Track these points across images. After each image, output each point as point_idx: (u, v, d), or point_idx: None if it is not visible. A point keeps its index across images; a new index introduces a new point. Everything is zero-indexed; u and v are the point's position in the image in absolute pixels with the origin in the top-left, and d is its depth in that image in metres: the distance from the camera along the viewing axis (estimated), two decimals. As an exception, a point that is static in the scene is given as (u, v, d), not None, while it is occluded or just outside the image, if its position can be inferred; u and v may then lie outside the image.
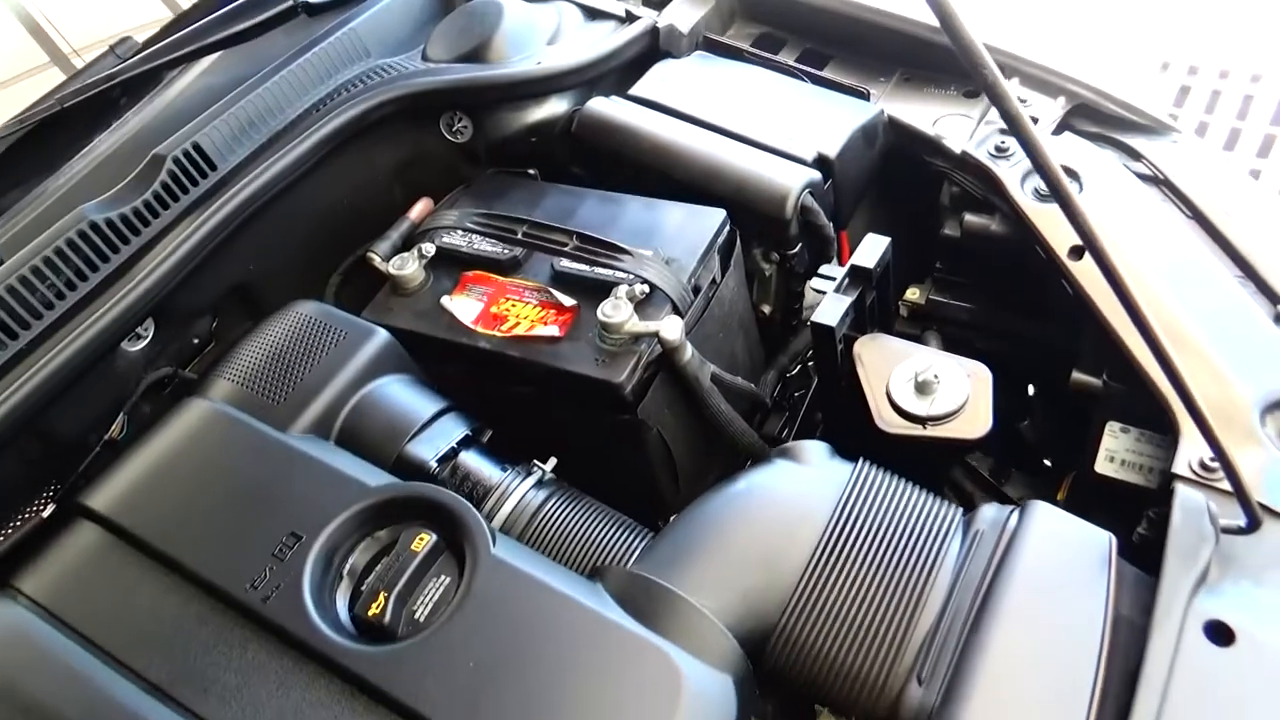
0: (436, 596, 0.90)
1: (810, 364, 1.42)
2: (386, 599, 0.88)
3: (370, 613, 0.88)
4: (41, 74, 3.51)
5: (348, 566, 0.93)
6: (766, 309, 1.40)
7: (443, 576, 0.91)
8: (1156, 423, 1.10)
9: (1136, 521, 1.06)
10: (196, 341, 1.31)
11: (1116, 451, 1.13)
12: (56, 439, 1.14)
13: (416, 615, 0.89)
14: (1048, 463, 1.45)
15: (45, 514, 1.14)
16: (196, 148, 1.25)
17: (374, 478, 0.98)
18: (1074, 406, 1.20)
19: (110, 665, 0.86)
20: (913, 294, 1.45)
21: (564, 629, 0.86)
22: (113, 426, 1.20)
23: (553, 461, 1.10)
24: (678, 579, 0.90)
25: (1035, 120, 1.32)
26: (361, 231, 1.40)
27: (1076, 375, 1.16)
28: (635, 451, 1.15)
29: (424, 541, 0.92)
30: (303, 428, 1.05)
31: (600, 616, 0.86)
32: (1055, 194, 0.72)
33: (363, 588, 0.91)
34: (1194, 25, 3.17)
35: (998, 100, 0.68)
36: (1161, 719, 0.79)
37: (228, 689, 0.85)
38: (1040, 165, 0.71)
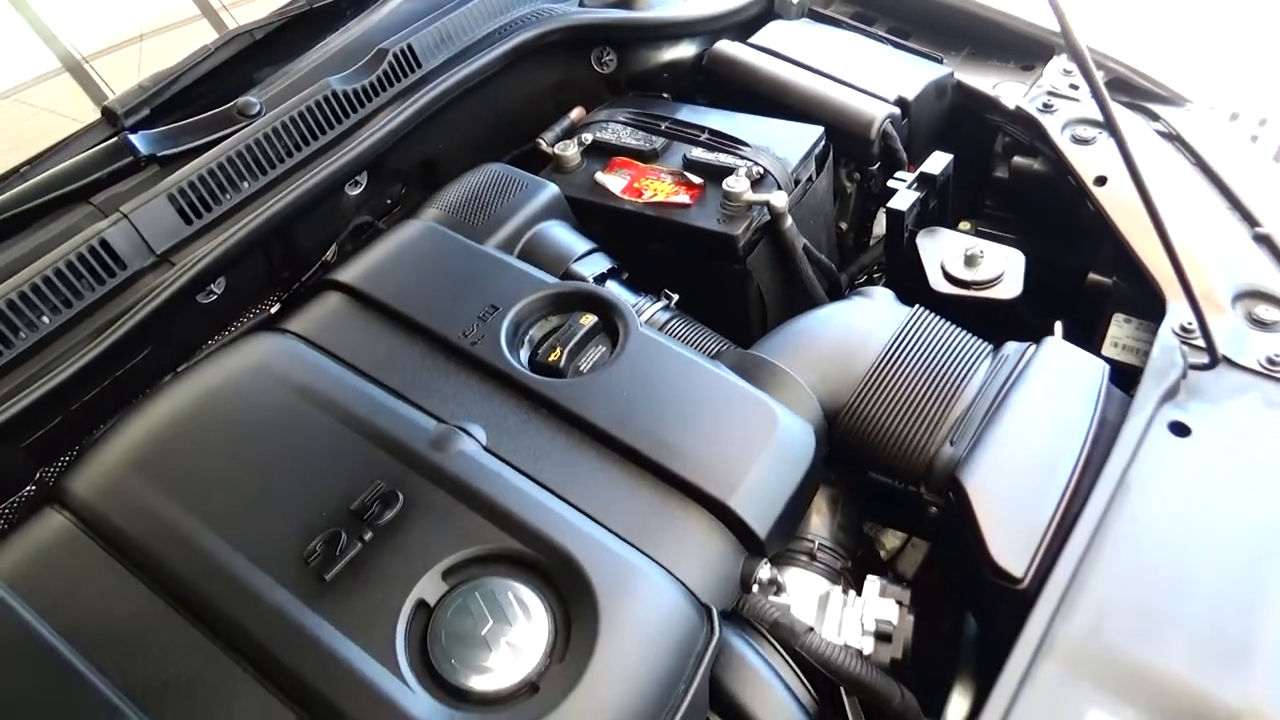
0: (596, 357, 1.22)
1: (876, 274, 1.73)
2: (561, 351, 1.20)
3: (550, 359, 1.19)
4: (191, 25, 3.87)
5: (528, 336, 1.25)
6: (844, 225, 1.71)
7: (601, 347, 1.23)
8: (1152, 314, 1.39)
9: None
10: (389, 202, 1.65)
11: (1120, 338, 1.42)
12: (291, 249, 1.48)
13: (581, 367, 1.20)
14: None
15: (276, 306, 1.48)
16: (410, 47, 1.59)
17: (550, 279, 1.30)
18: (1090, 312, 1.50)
19: (359, 377, 1.19)
20: (964, 226, 1.75)
21: (692, 381, 1.17)
22: (327, 252, 1.54)
23: (676, 297, 1.42)
24: (777, 359, 1.21)
25: (1076, 87, 1.63)
26: (520, 134, 1.74)
27: (1092, 276, 1.46)
28: (738, 299, 1.46)
29: (589, 320, 1.24)
30: (493, 245, 1.38)
31: (719, 374, 1.18)
32: (1109, 126, 1.04)
33: (540, 350, 1.23)
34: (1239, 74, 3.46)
35: (1078, 58, 1.00)
36: (1127, 477, 1.08)
37: (445, 396, 1.16)
38: (1102, 107, 1.03)
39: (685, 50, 1.77)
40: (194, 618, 0.97)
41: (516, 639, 0.93)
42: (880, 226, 1.82)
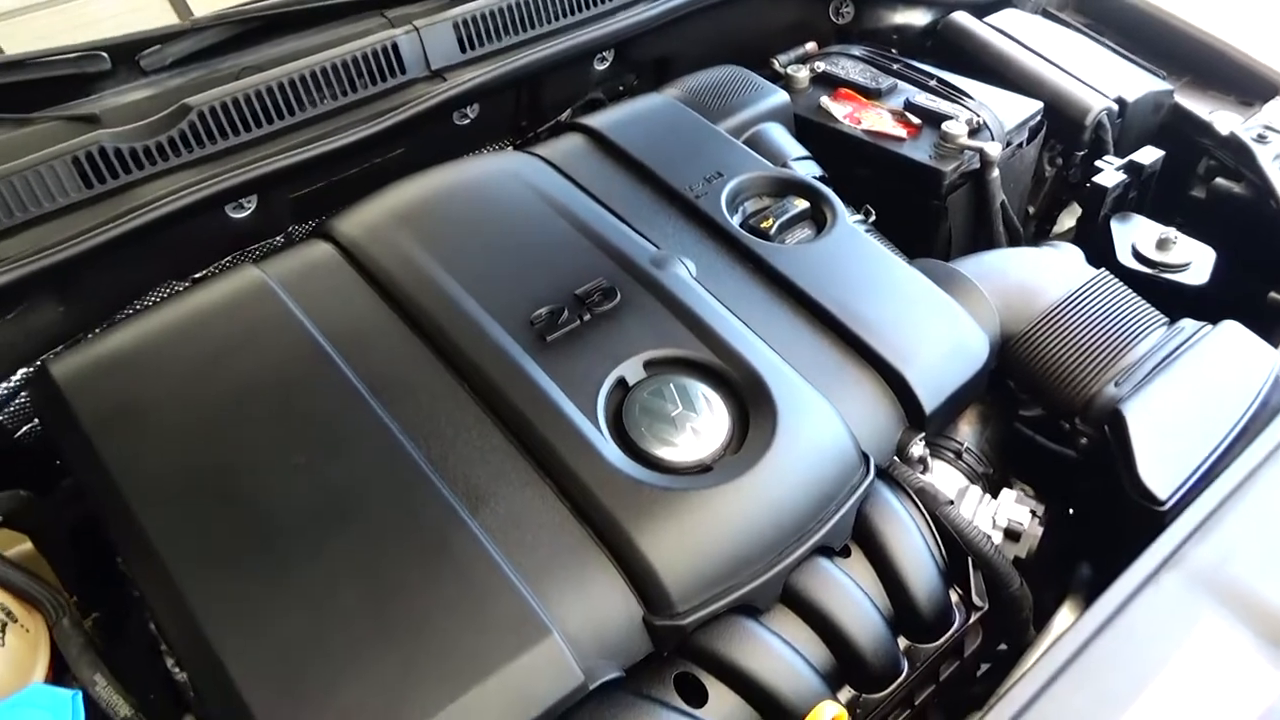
0: (801, 236, 1.33)
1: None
2: (773, 222, 1.32)
3: (762, 225, 1.31)
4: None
5: (743, 206, 1.38)
6: (1031, 209, 1.79)
7: (807, 230, 1.35)
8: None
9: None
10: (620, 89, 1.80)
11: (1287, 357, 1.47)
12: (537, 99, 1.64)
13: (786, 241, 1.32)
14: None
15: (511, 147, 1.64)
16: None
17: (770, 166, 1.42)
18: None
19: (594, 200, 1.33)
20: (1149, 239, 1.81)
21: (887, 270, 1.27)
22: (562, 115, 1.70)
23: (874, 216, 1.52)
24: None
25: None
26: (749, 60, 1.86)
27: (1272, 295, 1.51)
28: (930, 233, 1.56)
29: (801, 203, 1.36)
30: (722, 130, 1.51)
31: (911, 271, 1.27)
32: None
33: (752, 218, 1.35)
34: None
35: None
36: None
37: (665, 233, 1.29)
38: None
39: (919, 17, 1.88)
40: (428, 341, 1.12)
41: (699, 426, 1.05)
42: (1061, 226, 1.89)
